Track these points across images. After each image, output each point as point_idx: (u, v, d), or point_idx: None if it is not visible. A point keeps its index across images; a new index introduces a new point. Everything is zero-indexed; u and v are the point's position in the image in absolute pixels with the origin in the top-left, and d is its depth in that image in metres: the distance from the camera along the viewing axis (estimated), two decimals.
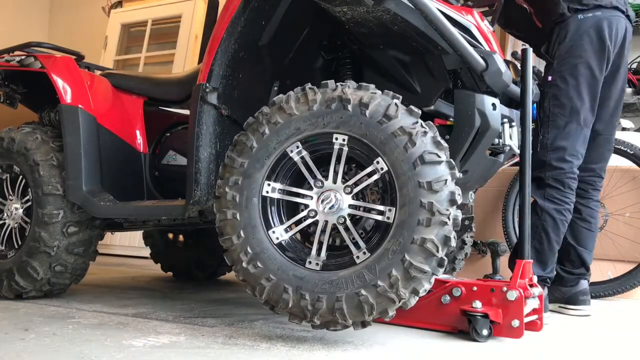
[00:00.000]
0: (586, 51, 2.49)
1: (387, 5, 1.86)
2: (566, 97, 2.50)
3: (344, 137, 1.79)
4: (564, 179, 2.49)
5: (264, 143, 1.84)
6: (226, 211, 1.84)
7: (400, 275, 1.67)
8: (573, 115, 2.50)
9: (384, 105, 1.75)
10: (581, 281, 2.66)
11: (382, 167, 1.75)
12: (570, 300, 2.64)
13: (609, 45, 2.51)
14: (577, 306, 2.62)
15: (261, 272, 1.79)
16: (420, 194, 1.68)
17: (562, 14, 2.54)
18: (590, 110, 2.53)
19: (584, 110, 2.51)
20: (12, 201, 2.67)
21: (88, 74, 2.66)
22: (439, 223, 1.67)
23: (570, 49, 2.51)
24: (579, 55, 2.50)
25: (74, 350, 1.67)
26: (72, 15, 6.52)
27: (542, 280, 2.47)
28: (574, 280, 2.65)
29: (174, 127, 2.93)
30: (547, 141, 2.51)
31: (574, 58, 2.50)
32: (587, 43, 2.49)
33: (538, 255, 2.48)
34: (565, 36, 2.52)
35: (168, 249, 3.61)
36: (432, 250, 1.66)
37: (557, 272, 2.64)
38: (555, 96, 2.52)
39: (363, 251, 1.76)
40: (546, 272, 2.51)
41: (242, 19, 2.04)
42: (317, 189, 1.84)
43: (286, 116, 1.83)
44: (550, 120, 2.52)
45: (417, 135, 1.71)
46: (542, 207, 2.49)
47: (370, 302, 1.68)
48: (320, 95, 1.81)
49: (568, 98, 2.50)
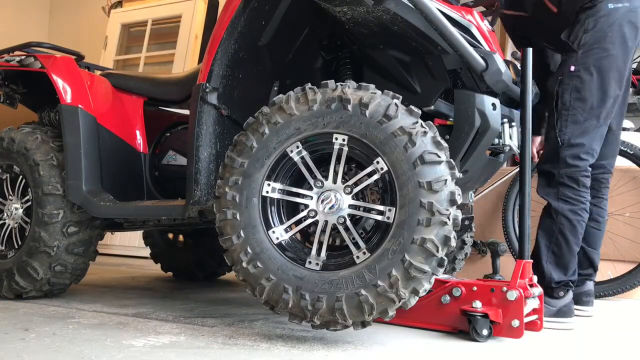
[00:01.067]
0: (614, 44, 2.34)
1: (387, 5, 1.86)
2: (589, 92, 2.35)
3: (344, 137, 1.79)
4: (578, 177, 2.36)
5: (264, 143, 1.83)
6: (226, 211, 1.84)
7: (400, 275, 1.67)
8: (593, 111, 2.35)
9: (384, 105, 1.75)
10: (587, 282, 2.59)
11: (382, 167, 1.75)
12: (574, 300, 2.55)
13: (631, 41, 2.37)
14: (579, 307, 2.54)
15: (261, 272, 1.79)
16: (420, 194, 1.68)
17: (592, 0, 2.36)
18: (612, 107, 2.40)
19: (606, 107, 2.37)
20: (12, 201, 2.67)
21: (88, 74, 2.66)
22: (439, 223, 1.67)
23: (598, 39, 2.34)
24: (606, 48, 2.34)
25: (74, 350, 1.67)
26: (72, 15, 6.52)
27: (565, 285, 2.37)
28: (580, 281, 2.55)
29: (174, 127, 2.93)
30: (564, 136, 2.36)
31: (600, 50, 2.34)
32: (616, 36, 2.34)
33: (558, 259, 2.37)
34: (595, 25, 2.34)
35: (168, 249, 3.60)
36: (432, 250, 1.66)
37: None
38: (577, 89, 2.35)
39: (363, 251, 1.76)
40: (568, 276, 2.38)
41: (242, 19, 2.04)
42: (317, 189, 1.84)
43: (286, 116, 1.83)
44: (569, 115, 2.36)
45: (417, 135, 1.71)
46: (556, 209, 2.37)
47: (370, 302, 1.68)
48: (320, 95, 1.81)
49: (590, 93, 2.35)
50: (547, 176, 2.41)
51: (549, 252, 2.37)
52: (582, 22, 2.38)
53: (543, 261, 2.37)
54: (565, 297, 2.35)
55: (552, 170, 2.39)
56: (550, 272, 2.36)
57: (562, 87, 2.38)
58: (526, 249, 2.09)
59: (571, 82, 2.37)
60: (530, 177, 2.15)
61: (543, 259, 2.38)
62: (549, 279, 2.35)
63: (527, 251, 2.09)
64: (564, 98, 2.37)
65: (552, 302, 2.33)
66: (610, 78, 2.35)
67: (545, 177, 2.42)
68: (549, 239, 2.38)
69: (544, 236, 2.40)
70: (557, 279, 2.35)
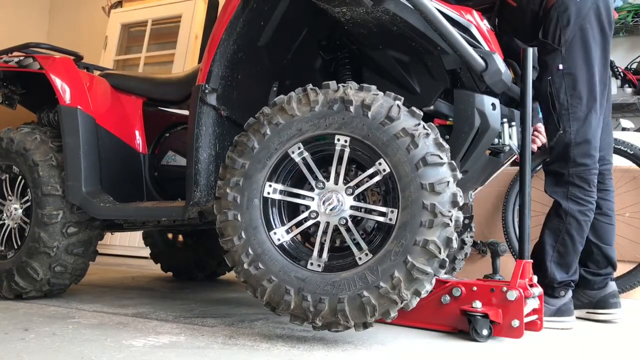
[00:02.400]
0: (593, 33, 2.34)
1: (386, 6, 1.86)
2: (583, 87, 2.34)
3: (347, 138, 1.79)
4: (588, 176, 2.34)
5: (266, 144, 1.83)
6: (227, 212, 1.83)
7: (403, 277, 1.67)
8: (590, 104, 2.34)
9: (386, 106, 1.75)
10: (609, 283, 2.52)
11: (385, 169, 1.75)
12: (599, 304, 2.49)
13: (607, 28, 2.38)
14: (607, 310, 2.47)
15: (263, 273, 1.79)
16: (423, 196, 1.68)
17: None
18: (602, 97, 2.39)
19: (599, 98, 2.36)
20: (12, 201, 2.66)
21: (87, 75, 2.66)
22: (442, 225, 1.67)
23: (576, 34, 2.34)
24: (587, 40, 2.34)
25: (74, 350, 1.67)
26: (72, 15, 6.52)
27: (566, 284, 2.37)
28: (602, 282, 2.51)
29: (173, 128, 2.93)
30: (570, 136, 2.34)
31: (582, 43, 2.34)
32: (593, 24, 2.35)
33: (561, 258, 2.37)
34: (569, 20, 2.34)
35: (168, 249, 3.60)
36: (435, 251, 1.66)
37: (581, 275, 2.50)
38: (571, 86, 2.34)
39: (365, 252, 1.76)
40: (569, 275, 2.38)
41: (241, 19, 2.04)
42: (318, 190, 1.84)
43: (288, 117, 1.82)
44: (570, 113, 2.34)
45: (419, 137, 1.71)
46: (565, 210, 2.35)
47: (373, 304, 1.68)
48: (322, 96, 1.81)
49: (584, 87, 2.34)
50: (556, 176, 2.39)
51: (554, 251, 2.37)
52: (555, 19, 2.36)
53: (547, 260, 2.37)
54: (565, 296, 2.35)
55: (562, 170, 2.37)
56: (554, 272, 2.35)
57: (555, 88, 2.36)
58: (526, 249, 2.09)
59: (563, 80, 2.35)
60: (530, 177, 2.15)
61: (547, 259, 2.37)
62: (551, 279, 2.35)
63: (527, 251, 2.09)
64: (560, 98, 2.36)
65: (552, 302, 2.33)
66: (596, 68, 2.36)
67: (553, 177, 2.40)
68: (555, 238, 2.36)
69: (550, 235, 2.39)
70: (559, 278, 2.35)
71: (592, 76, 2.35)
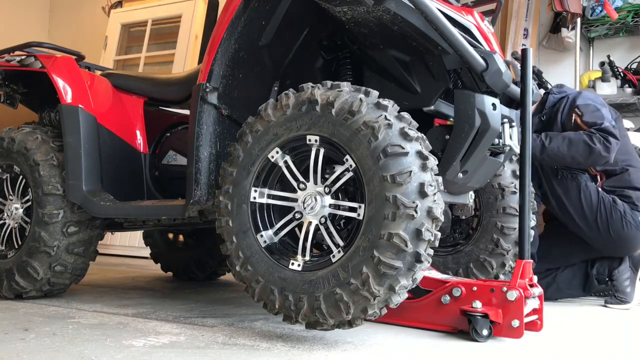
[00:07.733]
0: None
1: (387, 5, 1.86)
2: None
3: (316, 137, 1.81)
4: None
5: (248, 151, 1.89)
6: (221, 219, 1.92)
7: (371, 272, 1.64)
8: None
9: (349, 102, 1.75)
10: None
11: (352, 165, 1.75)
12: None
13: None
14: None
15: (252, 274, 1.85)
16: (385, 188, 1.65)
17: None
18: None
19: None
20: (12, 201, 2.67)
21: (88, 74, 2.66)
22: (406, 216, 1.63)
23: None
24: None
25: (74, 350, 1.67)
26: (72, 15, 6.52)
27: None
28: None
29: (174, 127, 2.94)
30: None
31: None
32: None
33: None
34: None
35: (168, 249, 3.60)
36: (401, 245, 1.62)
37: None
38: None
39: (338, 250, 1.76)
40: None
41: (242, 19, 2.04)
42: (301, 191, 1.85)
43: (265, 123, 1.87)
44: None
45: (379, 129, 1.68)
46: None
47: (345, 301, 1.68)
48: (294, 99, 1.84)
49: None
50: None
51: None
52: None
53: None
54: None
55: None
56: None
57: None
58: (526, 249, 2.09)
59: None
60: (530, 177, 2.14)
61: None
62: None
63: (527, 251, 2.09)
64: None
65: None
66: None
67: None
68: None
69: None
70: None
71: None
